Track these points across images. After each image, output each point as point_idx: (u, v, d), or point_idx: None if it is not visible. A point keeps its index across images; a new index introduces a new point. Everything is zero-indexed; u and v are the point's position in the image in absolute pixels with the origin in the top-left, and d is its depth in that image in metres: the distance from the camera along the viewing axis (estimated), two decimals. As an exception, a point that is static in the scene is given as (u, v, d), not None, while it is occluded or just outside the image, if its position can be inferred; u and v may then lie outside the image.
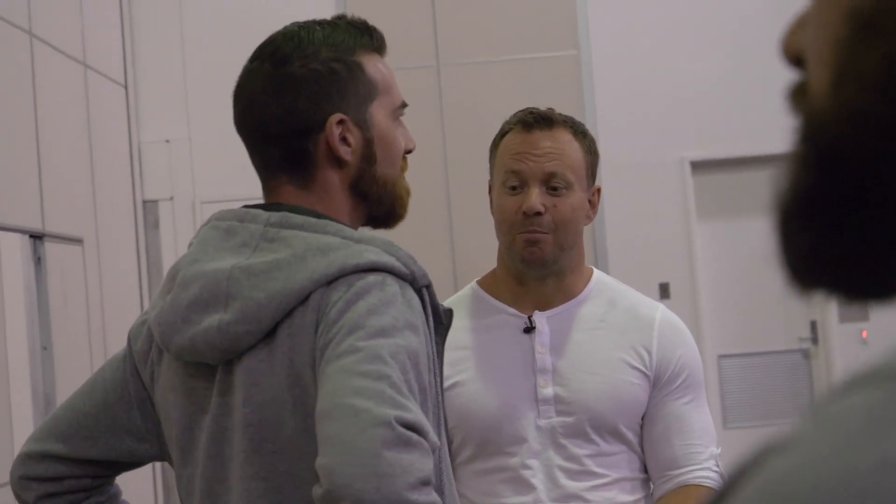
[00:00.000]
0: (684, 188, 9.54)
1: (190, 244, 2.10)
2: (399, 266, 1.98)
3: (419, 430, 1.81)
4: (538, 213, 2.65)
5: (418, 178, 9.35)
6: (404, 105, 2.17)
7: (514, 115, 2.76)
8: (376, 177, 2.10)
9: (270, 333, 1.94)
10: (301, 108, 2.05)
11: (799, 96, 0.79)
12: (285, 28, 2.14)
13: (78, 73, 8.17)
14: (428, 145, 9.44)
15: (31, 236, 7.22)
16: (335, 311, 1.91)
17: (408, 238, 10.24)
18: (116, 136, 8.90)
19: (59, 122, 7.73)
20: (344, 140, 2.05)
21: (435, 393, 1.99)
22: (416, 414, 1.82)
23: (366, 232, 2.04)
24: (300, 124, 2.04)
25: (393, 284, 1.95)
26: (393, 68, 9.00)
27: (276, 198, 2.07)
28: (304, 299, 1.94)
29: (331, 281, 1.94)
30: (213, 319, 1.97)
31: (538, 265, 2.69)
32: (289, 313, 1.94)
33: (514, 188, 2.69)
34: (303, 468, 1.92)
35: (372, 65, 2.14)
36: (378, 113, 2.11)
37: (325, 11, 9.50)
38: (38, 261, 7.28)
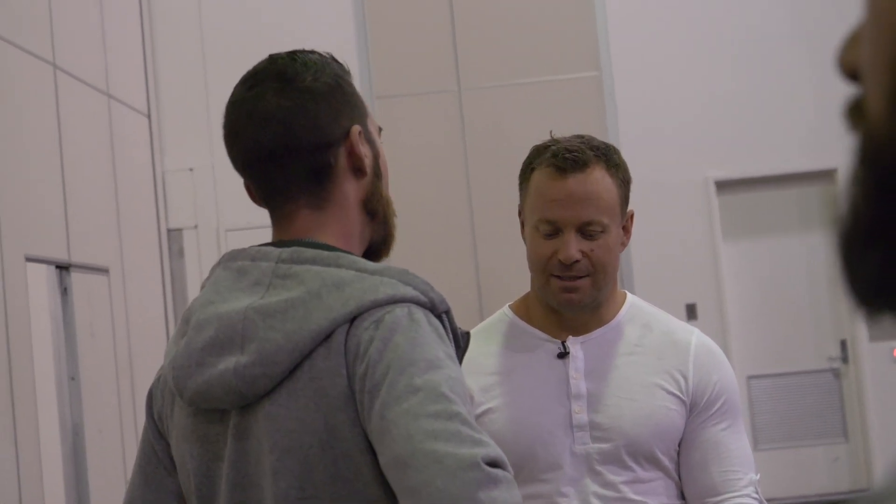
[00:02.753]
0: (709, 208, 9.52)
1: (202, 285, 2.08)
2: (418, 295, 1.94)
3: (501, 463, 1.79)
4: (576, 261, 2.62)
5: (442, 202, 9.38)
6: (381, 129, 2.16)
7: (544, 149, 2.67)
8: (382, 193, 2.09)
9: (289, 377, 1.91)
10: (323, 119, 2.01)
11: (856, 115, 0.77)
12: (272, 57, 2.11)
13: (101, 103, 8.20)
14: (451, 169, 9.44)
15: (57, 267, 7.24)
16: (375, 351, 1.87)
17: (432, 261, 10.27)
18: (140, 165, 8.92)
19: (84, 153, 7.75)
20: (362, 151, 2.05)
21: None
22: (494, 447, 1.81)
23: (379, 263, 2.01)
24: (323, 136, 2.01)
25: (419, 313, 1.92)
26: (415, 93, 9.00)
27: (290, 224, 2.03)
28: (323, 340, 1.91)
29: (352, 319, 1.91)
30: (229, 362, 1.93)
31: (577, 309, 2.66)
32: (308, 355, 1.91)
33: (549, 235, 2.65)
34: None
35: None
36: (373, 130, 2.10)
37: (347, 40, 9.54)
38: (65, 291, 7.29)
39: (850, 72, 0.78)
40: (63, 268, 7.28)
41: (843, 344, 9.54)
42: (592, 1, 9.59)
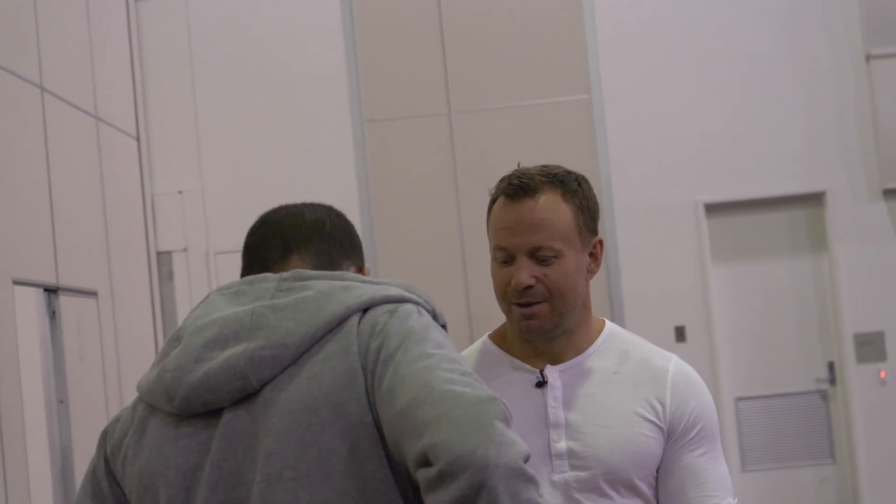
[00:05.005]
0: (698, 231, 9.53)
1: (193, 310, 2.11)
2: (422, 303, 2.08)
3: (510, 420, 1.87)
4: (529, 287, 2.63)
5: (432, 225, 9.37)
6: None
7: (502, 179, 2.71)
8: None
9: (294, 362, 1.95)
10: (352, 239, 2.23)
11: None
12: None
13: (90, 126, 8.20)
14: (441, 192, 9.45)
15: (45, 290, 7.23)
16: (391, 329, 1.96)
17: (421, 284, 10.24)
18: (129, 188, 8.92)
19: (72, 176, 7.75)
20: None
21: None
22: (505, 403, 1.88)
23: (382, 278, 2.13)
24: (347, 247, 2.21)
25: (426, 313, 2.05)
26: (404, 116, 8.99)
27: (287, 267, 2.14)
28: (335, 326, 1.96)
29: (365, 309, 2.00)
30: (236, 349, 1.98)
31: (537, 335, 2.67)
32: (318, 340, 1.97)
33: (505, 258, 2.67)
34: (327, 491, 1.91)
35: None
36: None
37: (338, 64, 9.55)
38: (53, 314, 7.28)
39: None
40: (51, 291, 7.27)
41: (831, 366, 9.55)
42: (582, 24, 9.61)
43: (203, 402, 1.99)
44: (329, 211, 2.22)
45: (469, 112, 9.57)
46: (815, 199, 9.59)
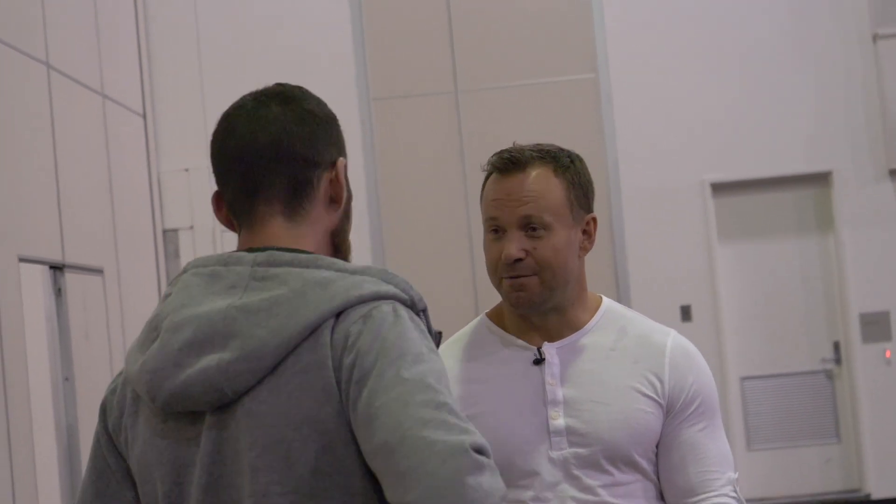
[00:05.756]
0: (705, 210, 9.53)
1: (167, 294, 2.07)
2: (399, 293, 1.97)
3: (486, 451, 1.83)
4: (518, 259, 2.64)
5: (439, 203, 9.37)
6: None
7: (492, 156, 2.73)
8: (347, 232, 2.13)
9: (271, 372, 1.93)
10: (318, 140, 2.05)
11: None
12: (279, 84, 2.12)
13: (96, 103, 8.20)
14: (447, 171, 9.45)
15: (51, 267, 7.24)
16: (364, 343, 1.90)
17: (428, 262, 10.26)
18: (135, 165, 8.92)
19: (78, 153, 7.75)
20: (342, 184, 2.07)
21: None
22: (479, 436, 1.84)
23: (359, 264, 2.03)
24: (315, 154, 2.04)
25: (402, 310, 1.95)
26: (411, 95, 8.99)
27: (262, 230, 2.03)
28: (309, 335, 1.93)
29: (338, 314, 1.93)
30: (210, 359, 1.93)
31: (527, 307, 2.67)
32: (292, 350, 1.92)
33: (495, 232, 2.68)
34: None
35: None
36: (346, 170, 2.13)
37: (344, 42, 9.54)
38: (59, 292, 7.29)
39: None
40: (57, 268, 7.28)
41: (837, 345, 9.55)
42: (590, 3, 9.60)
43: (184, 406, 1.97)
44: (285, 111, 2.05)
45: (476, 91, 9.56)
46: (821, 179, 9.58)
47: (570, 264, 2.68)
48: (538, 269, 2.65)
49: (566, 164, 2.68)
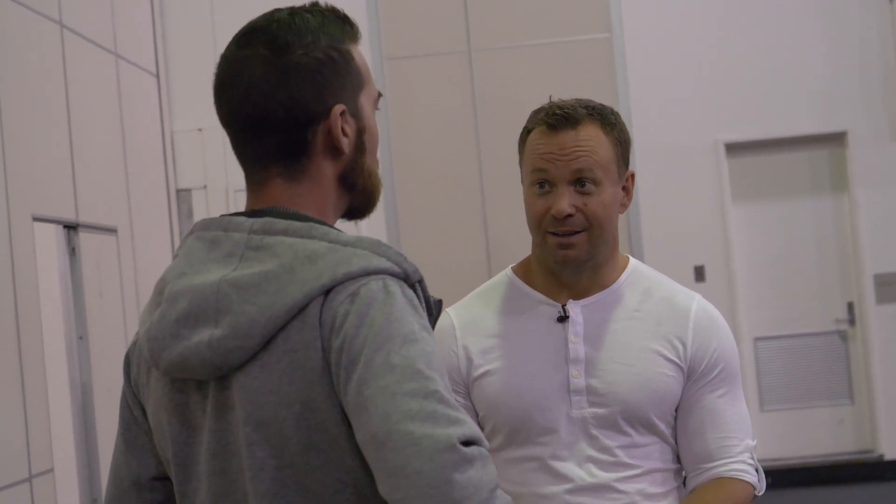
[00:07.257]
0: (719, 170, 9.51)
1: (175, 255, 2.07)
2: (391, 266, 1.94)
3: (477, 440, 1.82)
4: (569, 216, 2.62)
5: (452, 163, 9.34)
6: (380, 95, 2.14)
7: (539, 111, 2.71)
8: (364, 167, 2.08)
9: (263, 349, 1.91)
10: (305, 97, 2.00)
11: None
12: (273, 14, 2.08)
13: (109, 63, 8.19)
14: (461, 130, 9.43)
15: (65, 227, 7.24)
16: (351, 326, 1.87)
17: (441, 221, 10.25)
18: (149, 125, 8.91)
19: (92, 113, 7.74)
20: (342, 131, 2.03)
21: None
22: (469, 425, 1.82)
23: (352, 234, 2.00)
24: (303, 114, 1.99)
25: (393, 285, 1.91)
26: (424, 55, 8.95)
27: (263, 192, 2.01)
28: (298, 312, 1.91)
29: (326, 291, 1.90)
30: (203, 335, 1.93)
31: (573, 266, 2.66)
32: (282, 328, 1.90)
33: (542, 186, 2.66)
34: (312, 482, 1.91)
35: (357, 54, 2.10)
36: (365, 103, 2.08)
37: (357, 3, 9.48)
38: (73, 251, 7.30)
39: None
40: (71, 227, 7.29)
41: (850, 306, 9.55)
42: (603, -39, 9.56)
43: (184, 375, 1.98)
44: (267, 72, 1.99)
45: (489, 50, 9.53)
46: (836, 140, 9.55)
47: (614, 220, 2.68)
48: (588, 226, 2.64)
49: (612, 122, 2.68)
